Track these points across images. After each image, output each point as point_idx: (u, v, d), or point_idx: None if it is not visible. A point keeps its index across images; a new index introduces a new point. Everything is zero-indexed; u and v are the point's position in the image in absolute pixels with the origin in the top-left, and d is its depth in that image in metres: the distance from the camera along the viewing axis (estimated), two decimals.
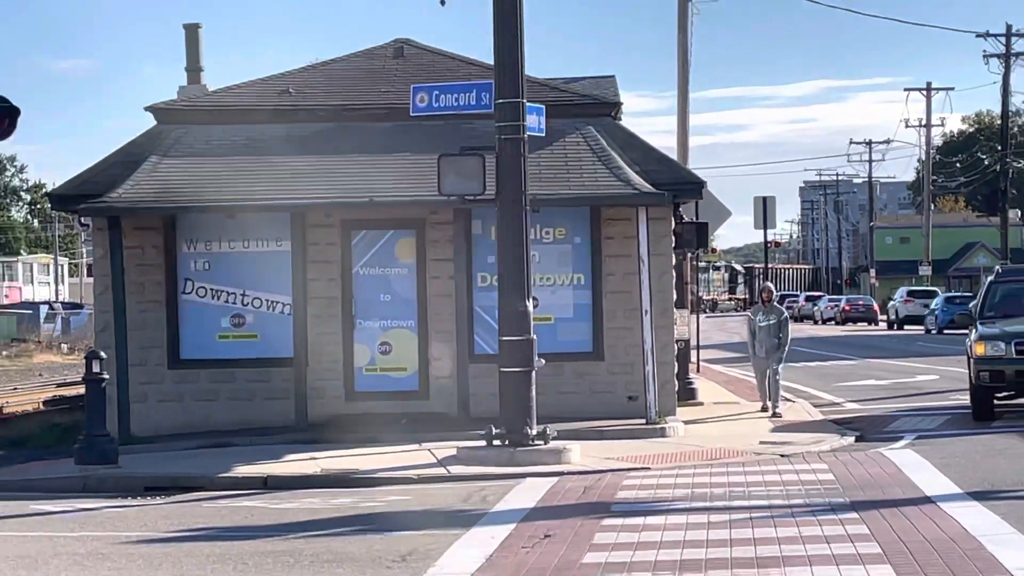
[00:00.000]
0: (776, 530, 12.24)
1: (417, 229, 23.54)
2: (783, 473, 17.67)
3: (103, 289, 24.38)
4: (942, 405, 26.61)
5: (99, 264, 24.64)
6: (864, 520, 12.59)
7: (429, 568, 10.50)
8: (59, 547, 13.17)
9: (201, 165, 24.18)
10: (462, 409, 23.12)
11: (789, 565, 9.85)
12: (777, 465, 18.67)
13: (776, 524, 12.69)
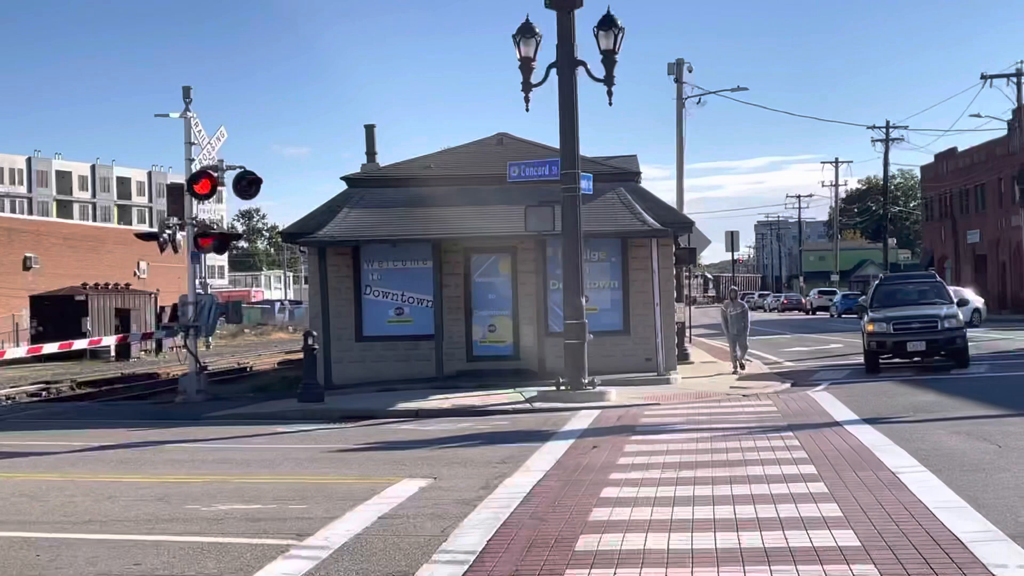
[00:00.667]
0: (740, 442, 16.02)
1: (512, 252, 27.58)
2: (744, 407, 21.54)
3: (314, 292, 29.41)
4: (846, 363, 30.20)
5: (312, 276, 29.54)
6: (796, 436, 16.29)
7: (520, 466, 14.23)
8: (287, 454, 17.30)
9: (375, 214, 28.19)
10: (540, 367, 26.78)
11: (748, 464, 13.58)
12: (740, 402, 22.45)
13: (740, 439, 16.53)
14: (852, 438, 15.77)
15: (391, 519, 11.18)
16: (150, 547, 10.27)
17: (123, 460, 17.03)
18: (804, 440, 15.84)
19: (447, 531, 10.37)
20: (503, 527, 10.47)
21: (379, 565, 9.15)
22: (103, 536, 10.90)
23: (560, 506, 11.49)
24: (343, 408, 23.25)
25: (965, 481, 11.62)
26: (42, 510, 12.60)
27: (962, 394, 21.34)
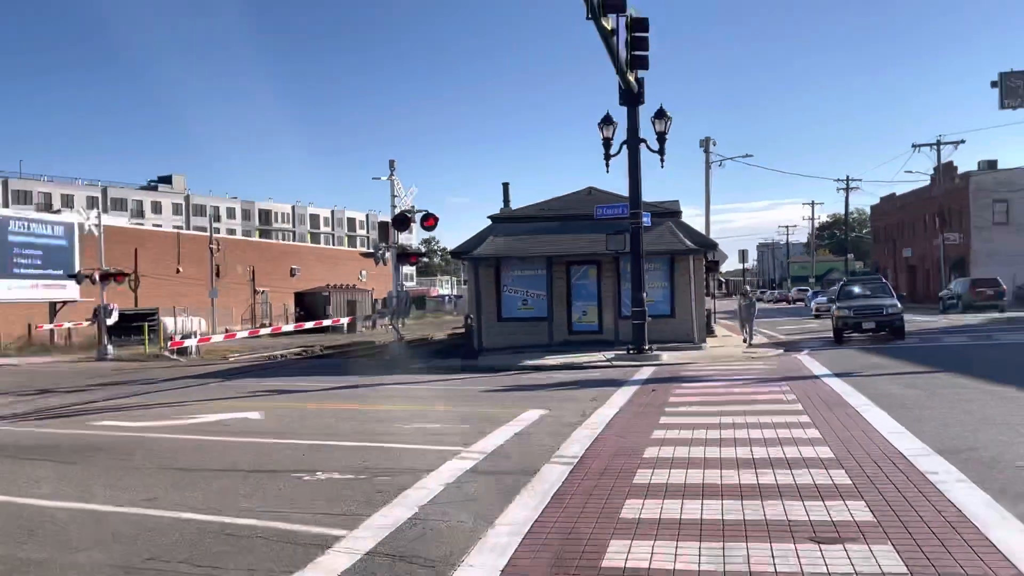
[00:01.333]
0: (750, 387, 15.90)
1: (598, 264, 27.32)
2: (753, 364, 21.01)
3: (471, 289, 29.70)
4: (820, 337, 29.17)
5: (470, 279, 29.95)
6: (788, 384, 16.00)
7: (605, 402, 14.28)
8: (455, 392, 17.23)
9: (509, 239, 28.00)
10: (616, 338, 26.02)
11: (756, 402, 13.48)
12: (750, 361, 21.96)
13: (750, 385, 16.35)
14: (826, 386, 15.50)
15: (522, 435, 11.28)
16: (371, 451, 10.49)
17: (354, 395, 17.42)
18: (793, 387, 15.61)
19: (559, 443, 10.43)
20: (595, 441, 10.51)
21: (517, 464, 9.29)
22: (343, 443, 11.15)
23: (632, 428, 11.49)
24: (489, 363, 23.31)
25: (904, 416, 11.43)
26: (303, 427, 12.93)
27: (900, 357, 20.76)
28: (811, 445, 9.63)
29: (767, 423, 11.32)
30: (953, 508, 6.75)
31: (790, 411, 12.41)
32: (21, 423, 14.40)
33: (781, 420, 11.55)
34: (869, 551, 5.75)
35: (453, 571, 5.71)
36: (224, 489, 8.56)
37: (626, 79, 21.66)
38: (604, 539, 6.26)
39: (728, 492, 7.55)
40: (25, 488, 8.96)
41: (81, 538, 6.92)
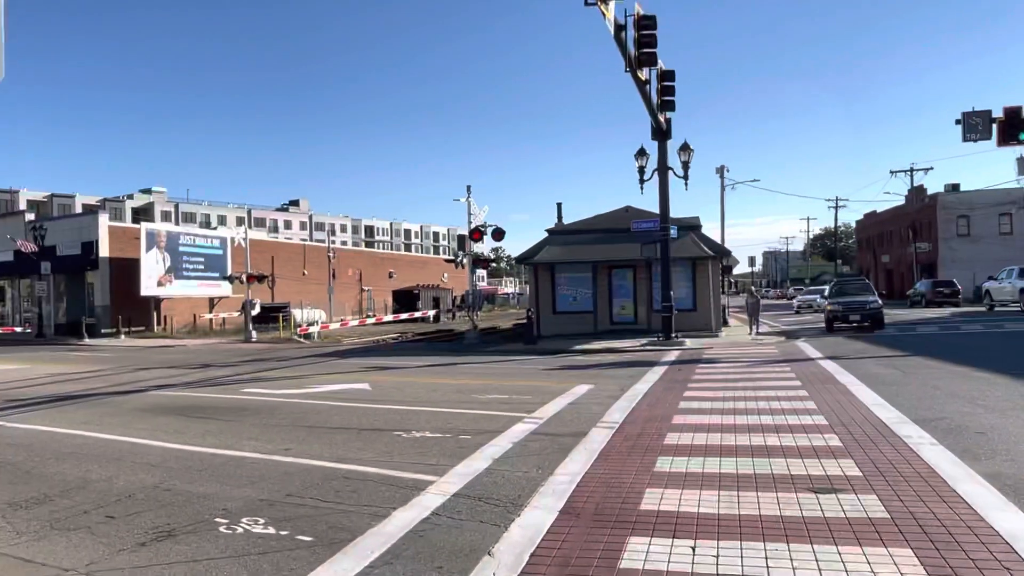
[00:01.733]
0: (758, 368, 15.44)
1: (633, 268, 26.69)
2: (760, 349, 20.29)
3: (532, 288, 29.01)
4: (814, 327, 27.67)
5: (530, 280, 29.17)
6: (789, 365, 15.59)
7: (640, 379, 14.11)
8: (519, 370, 16.93)
9: (562, 248, 27.68)
10: (649, 327, 25.72)
11: (764, 379, 13.07)
12: (757, 347, 21.15)
13: (758, 366, 15.82)
14: (820, 367, 15.06)
15: (574, 404, 11.18)
16: (454, 415, 10.49)
17: (439, 371, 17.42)
18: (793, 367, 15.25)
19: (604, 411, 10.34)
20: (632, 410, 10.38)
21: (570, 427, 9.23)
22: (431, 409, 11.18)
23: (662, 400, 11.30)
24: (546, 348, 23.13)
25: (885, 391, 11.08)
26: (400, 395, 12.97)
27: (881, 344, 20.05)
28: (808, 415, 9.41)
29: (772, 396, 11.08)
30: (925, 465, 6.60)
31: (791, 387, 12.11)
32: (190, 390, 14.77)
33: (784, 394, 11.28)
34: (857, 499, 5.66)
35: (521, 510, 5.75)
36: (341, 443, 8.70)
37: (657, 119, 21.47)
38: (641, 488, 6.23)
39: (741, 451, 7.44)
40: (195, 439, 9.22)
41: (236, 478, 7.12)
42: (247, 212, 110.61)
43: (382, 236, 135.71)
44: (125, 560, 4.95)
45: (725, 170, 46.31)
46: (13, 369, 20.60)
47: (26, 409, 12.41)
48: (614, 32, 17.69)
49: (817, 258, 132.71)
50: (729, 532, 5.03)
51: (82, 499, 6.51)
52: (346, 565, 4.71)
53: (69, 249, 40.82)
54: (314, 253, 58.24)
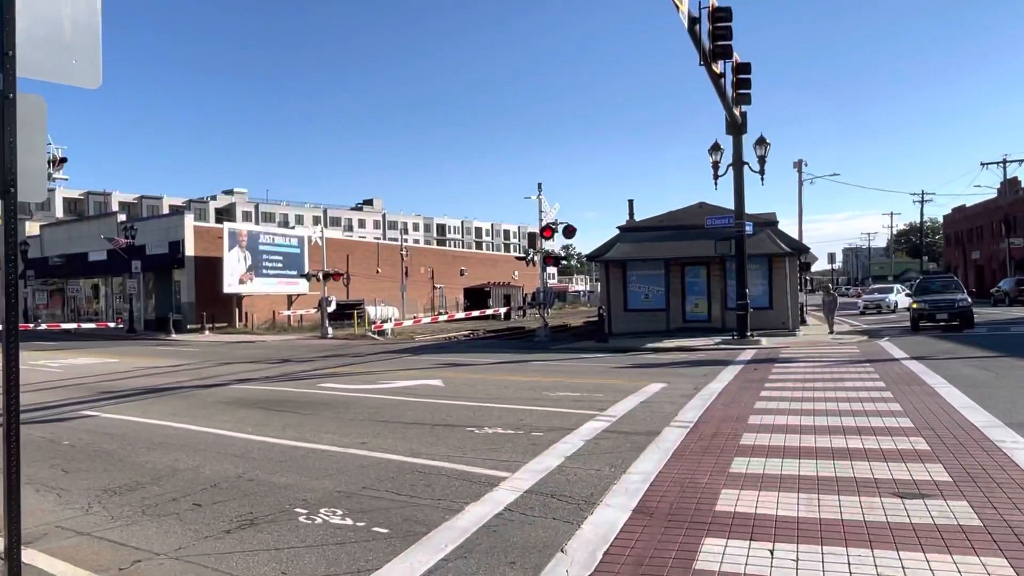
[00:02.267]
0: (838, 368, 14.92)
1: (707, 265, 26.23)
2: (840, 348, 19.54)
3: (603, 286, 28.81)
4: (897, 326, 26.88)
5: (601, 277, 29.11)
6: (872, 365, 15.07)
7: (714, 378, 13.92)
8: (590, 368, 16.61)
9: (634, 245, 27.34)
10: (723, 326, 25.20)
11: (845, 380, 12.69)
12: (837, 346, 20.35)
13: (838, 366, 15.30)
14: (905, 367, 14.46)
15: (647, 403, 11.06)
16: (526, 412, 10.51)
17: (509, 368, 17.47)
18: (876, 367, 14.68)
19: (677, 410, 10.21)
20: (706, 409, 10.22)
21: (642, 426, 9.14)
22: (503, 405, 11.22)
23: (738, 400, 11.07)
24: (617, 345, 22.95)
25: (975, 393, 10.56)
26: (472, 392, 13.06)
27: (970, 344, 19.10)
28: (893, 416, 9.04)
29: (854, 397, 10.69)
30: (1021, 472, 6.25)
31: (874, 387, 11.64)
32: (270, 384, 15.22)
33: (866, 395, 10.87)
34: (946, 505, 5.41)
35: (594, 507, 5.72)
36: (415, 437, 8.83)
37: (732, 113, 21.02)
38: (717, 488, 6.12)
39: (821, 453, 7.22)
40: (276, 431, 9.52)
41: (315, 469, 7.32)
42: (323, 211, 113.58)
43: (453, 234, 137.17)
44: (211, 546, 5.16)
45: (803, 164, 45.00)
46: (107, 363, 21.72)
47: (119, 401, 13.07)
48: (688, 26, 17.39)
49: (901, 254, 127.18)
50: (809, 536, 4.89)
51: (171, 487, 6.81)
52: (421, 558, 4.79)
53: (157, 248, 42.74)
54: (387, 251, 59.31)
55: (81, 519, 5.90)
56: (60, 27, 3.44)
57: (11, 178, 3.22)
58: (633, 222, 32.64)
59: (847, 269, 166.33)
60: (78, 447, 8.81)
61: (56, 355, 24.45)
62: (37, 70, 3.38)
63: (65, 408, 12.16)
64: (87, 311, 49.54)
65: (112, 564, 4.88)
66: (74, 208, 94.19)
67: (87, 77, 3.52)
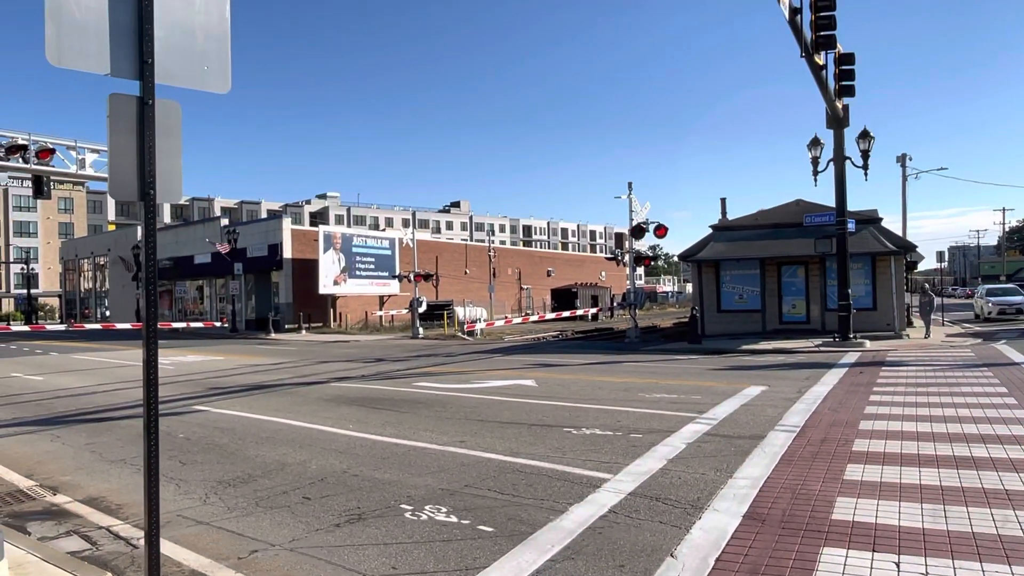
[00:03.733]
0: (952, 372, 14.14)
1: (805, 264, 25.22)
2: (952, 352, 18.56)
3: (695, 286, 28.20)
4: (1015, 328, 25.66)
5: (693, 278, 28.46)
6: (990, 369, 14.26)
7: (818, 381, 13.41)
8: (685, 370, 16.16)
9: (727, 245, 26.68)
10: (822, 327, 24.34)
11: (960, 385, 12.05)
12: (950, 350, 19.33)
13: (952, 370, 14.49)
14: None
15: (748, 406, 10.76)
16: (622, 413, 10.40)
17: (602, 369, 17.33)
18: (995, 372, 13.82)
19: (780, 414, 9.89)
20: (813, 414, 9.85)
21: (745, 430, 8.89)
22: (598, 406, 11.13)
23: (845, 404, 10.62)
24: (711, 347, 22.49)
25: None
26: (567, 392, 13.02)
27: None
28: (1020, 424, 8.47)
29: (974, 403, 10.09)
30: None
31: (995, 393, 10.95)
32: (366, 382, 15.60)
33: (987, 401, 10.24)
34: None
35: (702, 512, 5.58)
36: (512, 437, 8.85)
37: (834, 106, 20.21)
38: (831, 496, 5.86)
39: (943, 462, 6.82)
40: (376, 429, 9.74)
41: (417, 467, 7.44)
42: (412, 214, 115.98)
43: (539, 235, 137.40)
44: (322, 539, 5.30)
45: (907, 158, 42.92)
46: (213, 360, 22.79)
47: (226, 396, 13.67)
48: (788, 16, 16.81)
49: (1013, 253, 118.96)
50: (938, 549, 4.61)
51: (281, 480, 7.06)
52: (528, 558, 4.77)
53: (257, 251, 44.59)
54: (475, 252, 59.95)
55: (200, 509, 6.18)
56: (193, 35, 3.62)
57: (151, 180, 3.40)
58: (726, 221, 31.90)
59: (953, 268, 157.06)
60: (192, 440, 9.26)
61: (167, 353, 25.83)
62: (172, 77, 3.57)
63: (178, 403, 12.81)
64: (193, 311, 52.19)
65: (231, 553, 5.08)
66: (180, 213, 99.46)
67: (218, 82, 3.69)
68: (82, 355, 26.11)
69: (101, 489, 6.98)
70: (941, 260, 30.42)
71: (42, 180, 15.82)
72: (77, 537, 5.52)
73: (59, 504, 6.48)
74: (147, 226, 3.40)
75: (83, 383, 16.81)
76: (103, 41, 3.30)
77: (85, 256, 64.43)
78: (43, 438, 9.81)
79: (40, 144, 15.31)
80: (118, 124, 3.34)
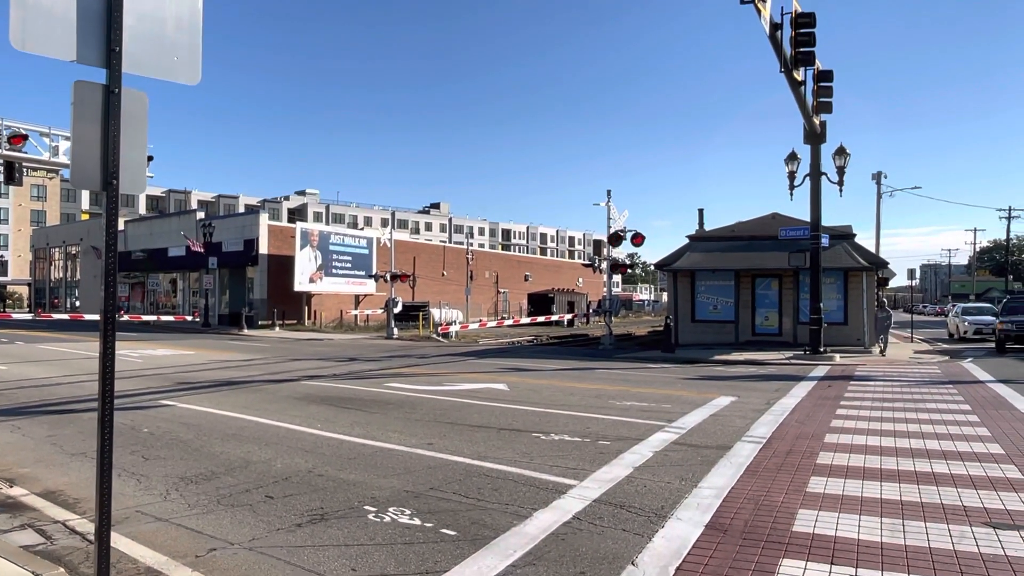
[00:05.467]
0: (918, 388, 14.23)
1: (779, 277, 25.36)
2: (920, 368, 18.77)
3: (670, 295, 27.83)
4: (981, 347, 25.90)
5: (669, 287, 28.12)
6: (955, 387, 14.35)
7: (787, 393, 13.53)
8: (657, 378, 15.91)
9: (703, 255, 26.73)
10: (794, 340, 24.47)
11: (925, 401, 12.20)
12: (916, 366, 19.49)
13: (918, 386, 14.58)
14: (991, 390, 13.79)
15: (716, 416, 10.81)
16: (592, 420, 10.40)
17: (574, 375, 17.34)
18: (960, 389, 14.02)
19: (749, 425, 9.96)
20: (780, 426, 9.93)
21: (713, 439, 8.93)
22: (568, 412, 11.14)
23: (812, 417, 10.72)
24: (684, 356, 22.48)
25: None
26: (538, 397, 13.01)
27: None
28: (981, 441, 8.60)
29: (937, 419, 10.22)
30: None
31: (959, 410, 11.11)
32: (338, 381, 15.47)
33: (951, 418, 10.39)
34: None
35: (665, 521, 5.59)
36: (481, 440, 8.82)
37: (811, 122, 20.45)
38: (793, 507, 5.91)
39: (904, 477, 6.90)
40: (344, 428, 9.66)
41: (383, 468, 7.39)
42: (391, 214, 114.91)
43: (518, 239, 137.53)
44: (283, 539, 5.24)
45: (883, 176, 43.60)
46: (183, 354, 22.50)
47: (194, 392, 13.49)
48: (769, 31, 16.99)
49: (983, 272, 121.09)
50: (895, 563, 4.66)
51: (244, 478, 6.97)
52: (489, 562, 4.75)
53: (233, 246, 44.15)
54: (453, 254, 59.84)
55: (160, 505, 6.08)
56: (164, 25, 3.56)
57: (114, 171, 3.33)
58: (703, 231, 32.09)
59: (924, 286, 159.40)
60: (156, 435, 9.12)
61: (137, 346, 25.46)
62: (141, 66, 3.51)
63: (145, 397, 12.63)
64: (165, 304, 51.53)
65: (189, 551, 5.01)
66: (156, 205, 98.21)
67: (187, 73, 3.63)
68: (48, 345, 25.66)
69: (60, 483, 6.85)
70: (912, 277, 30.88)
71: (14, 166, 15.57)
72: (32, 531, 5.41)
73: (15, 497, 6.35)
74: (108, 216, 3.33)
75: (48, 374, 16.51)
76: (70, 27, 3.23)
77: (57, 245, 63.39)
78: (3, 429, 9.62)
79: (13, 130, 15.10)
80: (82, 112, 3.27)
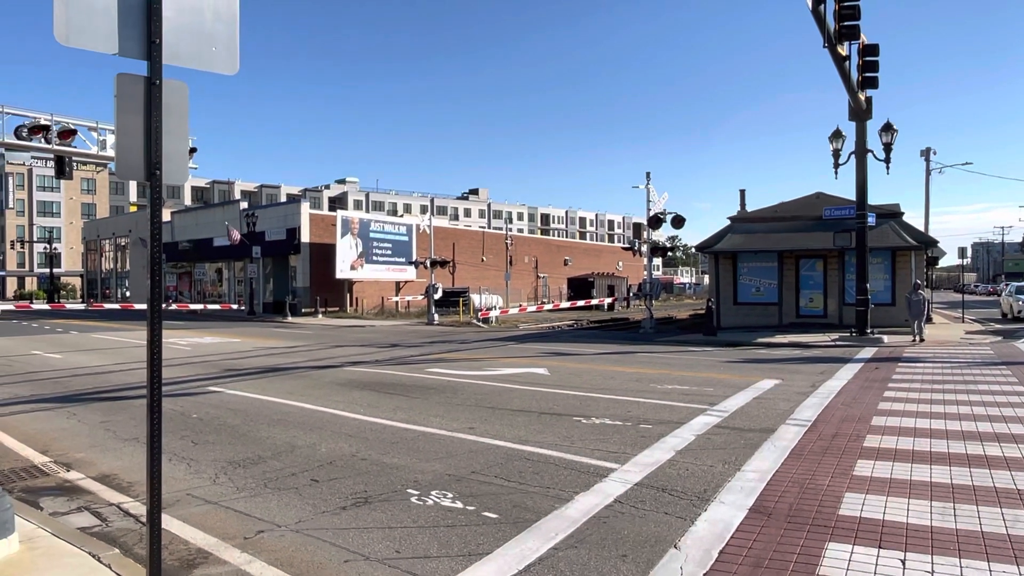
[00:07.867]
0: (970, 369, 13.98)
1: (824, 258, 24.96)
2: (971, 349, 18.26)
3: (712, 278, 27.92)
4: None
5: (710, 269, 28.35)
6: (1008, 367, 14.12)
7: (832, 376, 13.36)
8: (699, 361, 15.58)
9: (745, 237, 26.43)
10: (840, 322, 24.15)
11: (978, 383, 11.90)
12: (968, 347, 19.02)
13: (970, 367, 14.32)
14: None
15: (760, 399, 10.69)
16: (633, 404, 10.37)
17: (615, 359, 17.27)
18: (1014, 370, 13.62)
19: (793, 408, 9.83)
20: (825, 408, 9.78)
21: (756, 423, 8.83)
22: (609, 396, 11.11)
23: (858, 400, 10.53)
24: (726, 339, 22.26)
25: None
26: (578, 381, 13.00)
27: None
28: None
29: (990, 401, 9.95)
30: None
31: (1012, 392, 10.80)
32: (380, 367, 15.66)
33: (1004, 400, 10.10)
34: None
35: (708, 504, 5.55)
36: (522, 425, 8.85)
37: (856, 98, 19.93)
38: (839, 491, 5.81)
39: (955, 460, 6.74)
40: (387, 413, 9.78)
41: (425, 452, 7.46)
42: (430, 200, 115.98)
43: (557, 224, 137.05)
44: (328, 521, 5.33)
45: (931, 152, 42.33)
46: (230, 342, 22.99)
47: (241, 378, 13.78)
48: (812, 5, 16.58)
49: None
50: (945, 547, 4.56)
51: (290, 462, 7.11)
52: (531, 544, 4.78)
53: (276, 235, 44.84)
54: (492, 240, 59.92)
55: (209, 488, 6.24)
56: (202, 16, 3.62)
57: (157, 161, 3.41)
58: (745, 213, 31.63)
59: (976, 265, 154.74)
60: (205, 420, 9.34)
61: (184, 334, 26.09)
62: (180, 57, 3.57)
63: (193, 383, 12.94)
64: (211, 293, 52.65)
65: (238, 533, 5.13)
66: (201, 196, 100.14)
67: (226, 64, 3.69)
68: (100, 334, 26.43)
69: (114, 467, 7.07)
70: (963, 256, 29.89)
71: (64, 160, 15.96)
72: (88, 513, 5.59)
73: (72, 480, 6.58)
74: (152, 205, 3.41)
75: (100, 362, 17.02)
76: (111, 20, 3.30)
77: (106, 237, 65.14)
78: (59, 415, 9.95)
79: (62, 125, 15.47)
80: (125, 104, 3.35)
